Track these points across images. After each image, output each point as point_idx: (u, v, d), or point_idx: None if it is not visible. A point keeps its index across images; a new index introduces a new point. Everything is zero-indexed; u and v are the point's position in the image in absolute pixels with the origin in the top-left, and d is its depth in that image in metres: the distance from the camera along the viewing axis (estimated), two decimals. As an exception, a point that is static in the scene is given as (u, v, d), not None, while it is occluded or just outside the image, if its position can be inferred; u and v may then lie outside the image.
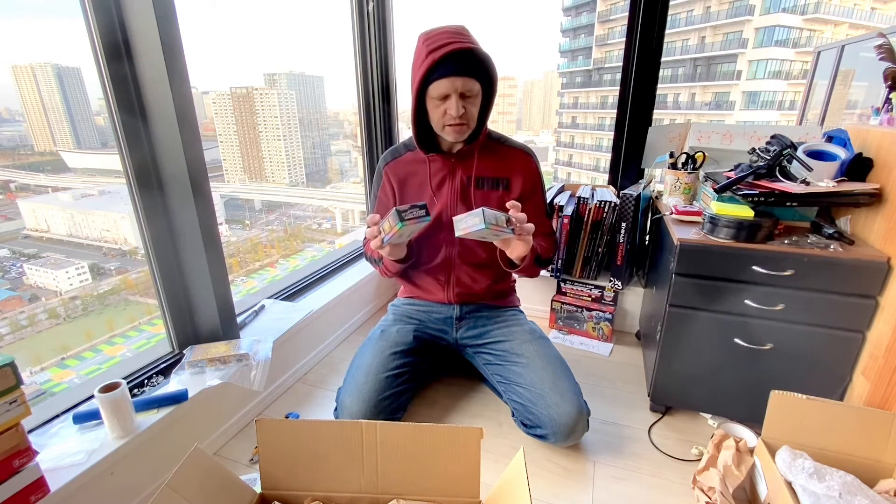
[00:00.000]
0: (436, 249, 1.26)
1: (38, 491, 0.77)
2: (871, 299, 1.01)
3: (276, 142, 20.66)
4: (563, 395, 1.09)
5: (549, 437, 1.11)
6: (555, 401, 1.08)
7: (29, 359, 8.84)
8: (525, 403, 1.14)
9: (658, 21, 1.55)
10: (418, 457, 0.82)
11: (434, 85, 1.04)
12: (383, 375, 1.16)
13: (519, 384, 1.16)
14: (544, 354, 1.19)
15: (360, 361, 1.22)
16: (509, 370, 1.20)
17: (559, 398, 1.09)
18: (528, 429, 1.16)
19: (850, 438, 0.94)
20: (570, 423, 1.07)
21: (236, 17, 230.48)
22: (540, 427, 1.11)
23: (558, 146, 24.94)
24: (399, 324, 1.32)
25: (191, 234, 1.12)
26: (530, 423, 1.15)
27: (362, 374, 1.17)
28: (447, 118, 1.08)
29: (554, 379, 1.12)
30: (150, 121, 1.05)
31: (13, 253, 10.53)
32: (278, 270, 14.47)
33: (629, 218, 1.51)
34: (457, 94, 1.05)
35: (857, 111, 2.42)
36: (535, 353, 1.19)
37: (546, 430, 1.10)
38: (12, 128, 14.49)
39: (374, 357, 1.21)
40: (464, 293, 1.30)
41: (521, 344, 1.22)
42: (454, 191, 1.22)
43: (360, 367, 1.19)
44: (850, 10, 17.85)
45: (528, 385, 1.14)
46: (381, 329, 1.31)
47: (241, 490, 0.82)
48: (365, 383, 1.14)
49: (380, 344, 1.25)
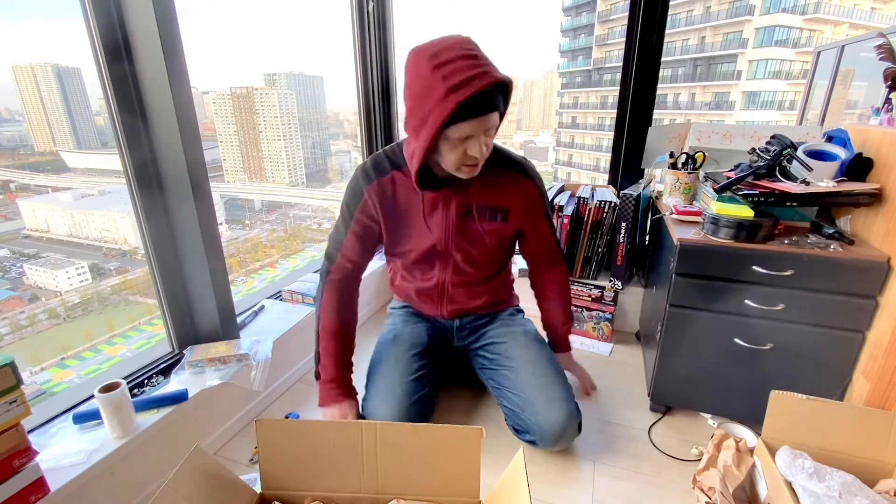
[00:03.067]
0: (428, 277, 1.21)
1: (38, 491, 0.77)
2: (871, 299, 1.01)
3: (276, 142, 20.66)
4: (551, 401, 1.09)
5: (538, 443, 1.12)
6: (542, 407, 1.08)
7: (29, 359, 8.84)
8: (514, 409, 1.14)
9: (658, 21, 1.55)
10: (418, 457, 0.82)
11: (455, 127, 0.88)
12: (409, 379, 1.12)
13: (510, 389, 1.16)
14: (535, 358, 1.17)
15: (381, 369, 1.16)
16: (501, 375, 1.19)
17: (546, 404, 1.08)
18: (519, 434, 1.17)
19: (850, 438, 0.94)
20: (557, 429, 1.07)
21: (236, 17, 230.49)
22: (528, 433, 1.12)
23: (558, 146, 24.92)
24: (409, 325, 1.27)
25: (191, 234, 1.12)
26: (520, 429, 1.15)
27: (388, 381, 1.12)
28: (467, 159, 0.94)
29: (543, 385, 1.11)
30: (150, 121, 1.05)
31: (13, 253, 10.53)
32: (278, 270, 14.47)
33: (629, 218, 1.51)
34: (480, 134, 0.91)
35: (857, 111, 2.43)
36: (525, 357, 1.18)
37: (534, 436, 1.11)
38: (12, 128, 14.49)
39: (395, 361, 1.16)
40: (458, 310, 1.26)
41: (514, 347, 1.21)
42: (450, 220, 1.10)
43: (384, 375, 1.14)
44: (850, 10, 17.84)
45: (518, 391, 1.14)
46: (392, 333, 1.25)
47: (241, 490, 0.82)
48: (393, 390, 1.10)
49: (396, 348, 1.19)
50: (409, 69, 0.90)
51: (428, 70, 0.85)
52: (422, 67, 0.86)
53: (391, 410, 1.07)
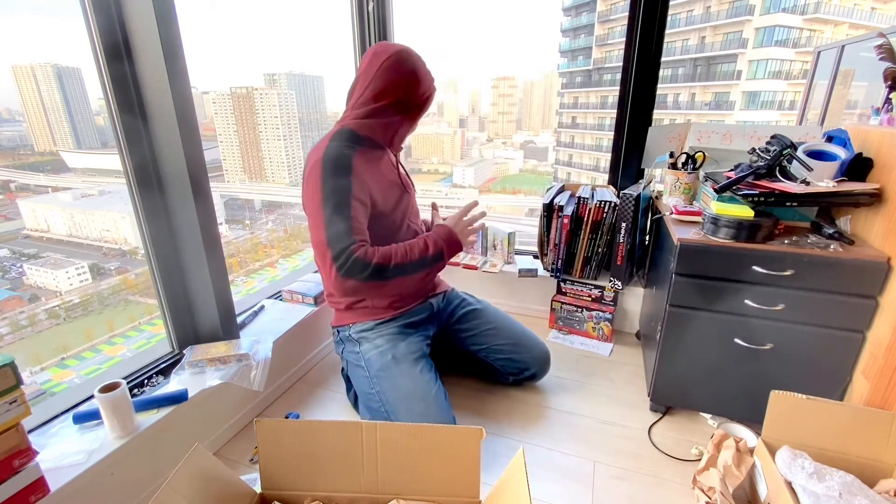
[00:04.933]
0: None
1: (38, 491, 0.77)
2: (871, 299, 1.01)
3: (276, 142, 20.64)
4: (534, 339, 1.40)
5: (538, 374, 1.39)
6: (532, 344, 1.39)
7: (29, 359, 8.83)
8: (510, 354, 1.35)
9: (658, 21, 1.55)
10: (418, 457, 0.82)
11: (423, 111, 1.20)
12: (433, 393, 1.13)
13: (501, 341, 1.36)
14: (505, 316, 1.44)
15: (401, 393, 1.12)
16: (487, 335, 1.37)
17: (533, 342, 1.39)
18: (517, 376, 1.38)
19: (850, 438, 0.94)
20: (547, 355, 1.40)
21: (236, 17, 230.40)
22: (528, 368, 1.37)
23: (558, 146, 24.91)
24: (398, 341, 1.21)
25: (191, 234, 1.13)
26: (518, 370, 1.37)
27: (417, 402, 1.10)
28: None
29: (523, 332, 1.41)
30: (150, 121, 1.05)
31: (13, 253, 10.52)
32: (278, 270, 14.45)
33: (629, 218, 1.51)
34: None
35: (857, 111, 2.42)
36: (499, 316, 1.43)
37: (534, 368, 1.37)
38: (12, 128, 14.47)
39: (412, 380, 1.14)
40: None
41: (485, 313, 1.41)
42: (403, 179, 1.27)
43: (410, 397, 1.11)
44: (850, 10, 17.83)
45: (508, 339, 1.36)
46: (389, 355, 1.18)
47: (241, 490, 0.82)
48: (427, 409, 1.09)
49: (403, 367, 1.16)
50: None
51: (412, 73, 1.15)
52: (407, 72, 1.14)
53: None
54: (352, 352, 1.24)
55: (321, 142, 1.12)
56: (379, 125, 1.15)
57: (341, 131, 1.13)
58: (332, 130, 1.15)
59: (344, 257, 1.01)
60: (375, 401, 1.15)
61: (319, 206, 1.04)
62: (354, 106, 1.15)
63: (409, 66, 1.13)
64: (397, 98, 1.13)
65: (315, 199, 1.05)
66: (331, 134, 1.13)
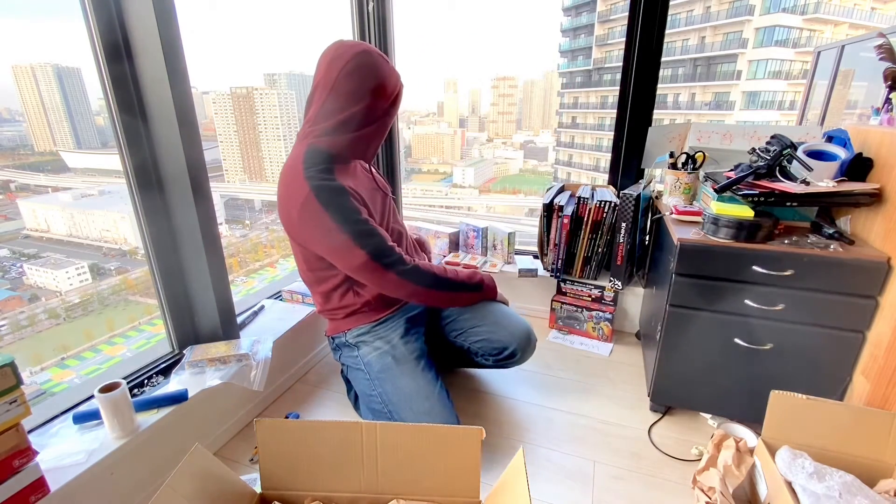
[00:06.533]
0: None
1: (38, 491, 0.77)
2: (871, 299, 1.01)
3: (276, 142, 20.63)
4: (513, 317, 1.30)
5: (518, 352, 1.26)
6: (510, 322, 1.28)
7: (29, 359, 8.83)
8: (488, 336, 1.27)
9: (658, 21, 1.55)
10: (418, 457, 0.82)
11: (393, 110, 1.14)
12: (436, 391, 1.12)
13: (478, 324, 1.29)
14: (482, 303, 1.35)
15: (403, 393, 1.12)
16: (464, 320, 1.31)
17: (510, 320, 1.29)
18: (498, 356, 1.28)
19: (850, 438, 0.94)
20: (527, 332, 1.28)
21: (236, 17, 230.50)
22: (507, 347, 1.25)
23: (558, 146, 24.91)
24: (396, 340, 1.20)
25: (191, 234, 1.13)
26: (497, 350, 1.27)
27: (420, 400, 1.10)
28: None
29: (500, 311, 1.31)
30: (150, 121, 1.05)
31: (13, 253, 10.52)
32: (278, 270, 14.45)
33: (629, 218, 1.51)
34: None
35: (857, 111, 2.42)
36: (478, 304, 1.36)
37: (513, 346, 1.25)
38: (12, 128, 14.46)
39: (414, 380, 1.13)
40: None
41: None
42: (380, 183, 1.26)
43: (413, 396, 1.11)
44: (850, 10, 17.83)
45: (484, 321, 1.29)
46: (389, 356, 1.17)
47: (241, 490, 0.82)
48: (431, 408, 1.09)
49: (404, 367, 1.15)
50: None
51: (378, 69, 1.08)
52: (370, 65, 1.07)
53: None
54: (350, 356, 1.24)
55: (293, 166, 1.05)
56: (348, 141, 1.07)
57: (311, 151, 1.05)
58: (300, 151, 1.06)
59: (401, 264, 1.09)
60: (378, 402, 1.15)
61: (339, 234, 1.01)
62: (315, 119, 1.07)
63: (371, 69, 1.04)
64: (363, 106, 1.05)
65: (329, 230, 1.02)
66: (301, 156, 1.05)
